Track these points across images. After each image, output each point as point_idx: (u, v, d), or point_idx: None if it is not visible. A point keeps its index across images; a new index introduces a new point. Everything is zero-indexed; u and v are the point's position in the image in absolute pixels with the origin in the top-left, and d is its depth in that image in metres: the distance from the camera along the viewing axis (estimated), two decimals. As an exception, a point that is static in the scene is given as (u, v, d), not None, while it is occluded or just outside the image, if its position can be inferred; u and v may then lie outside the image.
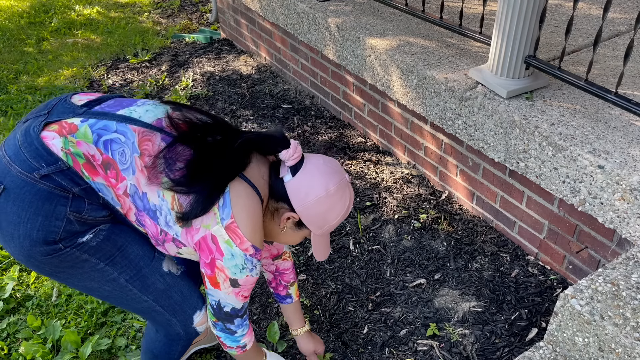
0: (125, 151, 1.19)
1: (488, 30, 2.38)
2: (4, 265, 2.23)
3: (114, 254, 1.26)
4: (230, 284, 1.25)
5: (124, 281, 1.30)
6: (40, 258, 1.19)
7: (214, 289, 1.27)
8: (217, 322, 1.35)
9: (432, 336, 1.89)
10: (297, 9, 2.86)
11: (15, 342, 1.94)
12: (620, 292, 1.41)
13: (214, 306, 1.31)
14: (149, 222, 1.24)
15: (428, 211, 2.39)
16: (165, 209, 1.21)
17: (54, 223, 1.16)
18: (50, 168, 1.15)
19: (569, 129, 1.78)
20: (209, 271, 1.24)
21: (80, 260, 1.22)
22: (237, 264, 1.23)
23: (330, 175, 1.29)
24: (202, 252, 1.23)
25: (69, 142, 1.18)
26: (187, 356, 1.83)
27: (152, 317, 1.40)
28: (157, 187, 1.20)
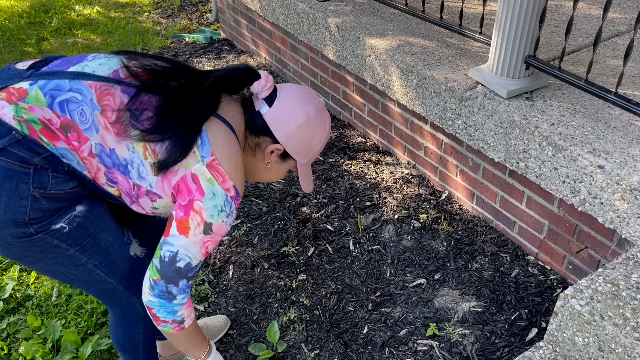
0: (84, 110, 1.12)
1: (488, 30, 2.39)
2: (4, 265, 2.23)
3: (85, 240, 1.22)
4: (202, 229, 1.18)
5: (92, 266, 1.26)
6: (10, 240, 1.13)
7: (178, 236, 1.18)
8: (158, 282, 1.20)
9: (432, 336, 1.89)
10: (297, 9, 2.86)
11: (15, 342, 1.94)
12: (620, 292, 1.42)
13: (165, 259, 1.19)
14: (120, 179, 1.18)
15: (428, 211, 2.39)
16: (137, 161, 1.16)
17: (19, 202, 1.09)
18: (4, 140, 1.07)
19: (569, 129, 1.78)
20: (181, 213, 1.17)
21: (51, 246, 1.18)
22: (217, 204, 1.17)
23: (307, 101, 1.28)
24: (180, 195, 1.17)
25: (20, 109, 1.10)
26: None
27: (113, 298, 1.36)
28: (126, 141, 1.14)
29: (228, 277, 2.16)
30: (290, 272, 2.17)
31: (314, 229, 2.34)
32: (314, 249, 2.26)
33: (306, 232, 2.33)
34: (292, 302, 2.04)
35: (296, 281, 2.12)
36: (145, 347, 1.53)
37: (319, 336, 1.92)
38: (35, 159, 1.10)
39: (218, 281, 2.15)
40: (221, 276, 2.17)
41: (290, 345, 1.90)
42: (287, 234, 2.33)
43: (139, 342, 1.50)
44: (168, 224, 1.20)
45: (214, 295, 2.09)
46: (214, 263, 2.22)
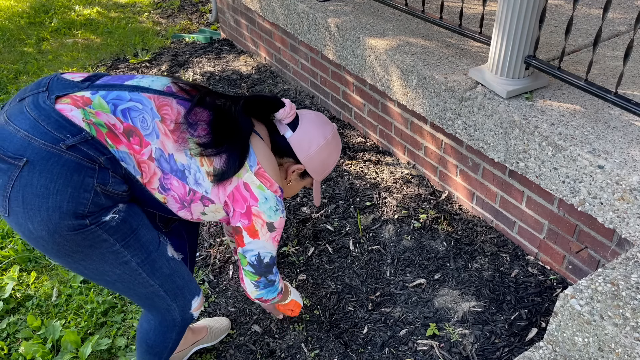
0: (145, 117, 1.23)
1: (488, 30, 2.39)
2: (4, 265, 2.23)
3: (129, 235, 1.27)
4: (267, 228, 1.36)
5: (135, 264, 1.31)
6: (65, 233, 1.18)
7: (252, 240, 1.37)
8: (260, 280, 1.45)
9: (432, 336, 1.89)
10: (297, 9, 2.86)
11: (15, 342, 1.94)
12: (620, 292, 1.42)
13: (254, 262, 1.40)
14: (176, 184, 1.27)
15: (428, 211, 2.40)
16: (195, 167, 1.27)
17: (83, 195, 1.16)
18: (75, 138, 1.15)
19: (568, 129, 1.78)
20: (245, 221, 1.34)
21: (100, 240, 1.23)
22: (271, 206, 1.34)
23: (325, 126, 1.47)
24: (236, 203, 1.32)
25: (88, 113, 1.19)
26: (187, 356, 1.83)
27: (153, 302, 1.41)
28: (184, 148, 1.25)
29: (228, 277, 2.16)
30: (290, 272, 2.17)
31: (314, 229, 2.34)
32: (314, 249, 2.26)
33: (306, 232, 2.33)
34: (292, 302, 2.04)
35: (296, 281, 2.12)
36: (171, 351, 1.59)
37: (319, 336, 1.92)
38: (100, 158, 1.18)
39: (218, 281, 2.15)
40: (221, 276, 2.17)
41: (290, 345, 1.90)
42: (287, 234, 2.33)
43: (167, 346, 1.56)
44: (239, 237, 1.37)
45: (214, 295, 2.09)
46: (214, 263, 2.22)
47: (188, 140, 1.25)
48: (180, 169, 1.26)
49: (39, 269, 2.22)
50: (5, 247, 2.32)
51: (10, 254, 2.26)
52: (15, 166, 1.14)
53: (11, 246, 2.30)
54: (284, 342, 1.91)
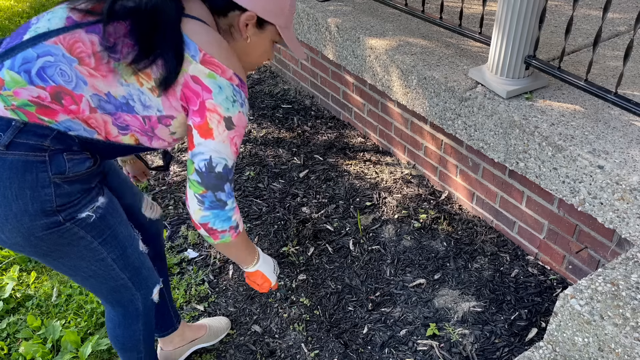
0: (62, 69, 1.09)
1: (488, 30, 2.39)
2: (4, 266, 2.23)
3: (106, 233, 1.24)
4: (225, 125, 1.16)
5: (111, 260, 1.28)
6: (40, 234, 1.14)
7: (204, 142, 1.16)
8: (205, 194, 1.19)
9: (432, 336, 1.89)
10: (297, 9, 2.86)
11: (15, 342, 1.94)
12: (620, 292, 1.42)
13: (203, 169, 1.17)
14: (128, 118, 1.15)
15: (428, 211, 2.40)
16: (136, 92, 1.13)
17: (43, 192, 1.10)
18: (8, 133, 1.06)
19: (568, 129, 1.78)
20: (198, 119, 1.15)
21: (77, 237, 1.19)
22: (227, 96, 1.15)
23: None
24: (190, 102, 1.15)
25: (6, 98, 1.07)
26: (186, 355, 1.84)
27: (120, 295, 1.38)
28: (116, 78, 1.11)
29: (228, 277, 2.16)
30: (290, 272, 2.17)
31: (314, 229, 2.34)
32: (314, 249, 2.26)
33: (306, 232, 2.33)
34: (292, 302, 2.04)
35: (296, 281, 2.12)
36: (144, 342, 1.55)
37: (319, 336, 1.92)
38: (45, 142, 1.08)
39: (218, 281, 2.15)
40: (221, 276, 2.17)
41: (290, 345, 1.90)
42: (287, 234, 2.33)
43: (139, 339, 1.52)
44: (189, 138, 1.18)
45: (214, 295, 2.09)
46: (214, 263, 2.22)
47: (115, 67, 1.10)
48: (122, 102, 1.13)
49: (39, 269, 2.22)
50: (5, 247, 2.32)
51: (10, 254, 2.26)
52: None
53: (11, 246, 2.30)
54: (284, 342, 1.91)
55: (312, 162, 2.73)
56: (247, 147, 2.86)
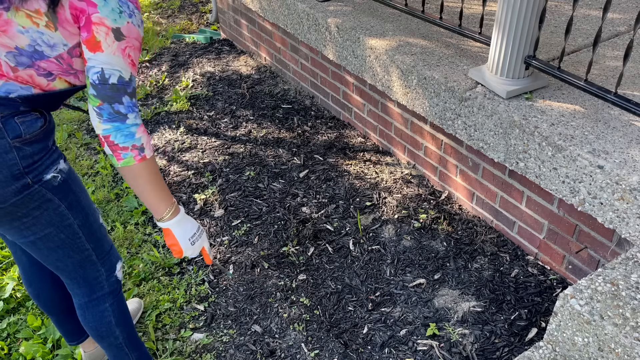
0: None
1: (488, 30, 2.39)
2: (4, 266, 2.23)
3: (71, 197, 1.30)
4: (113, 36, 1.15)
5: (77, 227, 1.33)
6: (13, 200, 1.18)
7: (94, 55, 1.15)
8: (102, 106, 1.18)
9: (431, 336, 1.89)
10: (297, 9, 2.87)
11: (16, 342, 1.94)
12: (619, 292, 1.42)
13: (96, 82, 1.16)
14: (45, 64, 1.17)
15: (428, 211, 2.40)
16: (35, 34, 1.13)
17: (7, 157, 1.15)
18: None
19: (568, 129, 1.78)
20: (85, 34, 1.14)
21: (46, 200, 1.25)
22: (113, 8, 1.14)
23: None
24: (79, 22, 1.14)
25: None
26: None
27: (85, 271, 1.42)
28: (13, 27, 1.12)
29: (228, 277, 2.16)
30: (290, 272, 2.17)
31: (314, 229, 2.34)
32: (314, 249, 2.26)
33: (306, 232, 2.33)
34: (292, 302, 2.04)
35: (296, 281, 2.13)
36: (118, 326, 1.54)
37: (319, 336, 1.92)
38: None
39: (218, 281, 2.15)
40: (221, 276, 2.17)
41: (290, 345, 1.90)
42: (287, 234, 2.33)
43: (110, 322, 1.52)
44: (82, 56, 1.19)
45: (214, 295, 2.09)
46: (214, 263, 2.22)
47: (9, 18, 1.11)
48: (30, 50, 1.14)
49: (39, 269, 2.23)
50: (5, 247, 2.32)
51: (10, 253, 2.26)
52: None
53: (11, 246, 2.30)
54: (284, 342, 1.91)
55: (312, 162, 2.74)
56: (247, 147, 2.87)
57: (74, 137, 3.08)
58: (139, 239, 2.34)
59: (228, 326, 1.98)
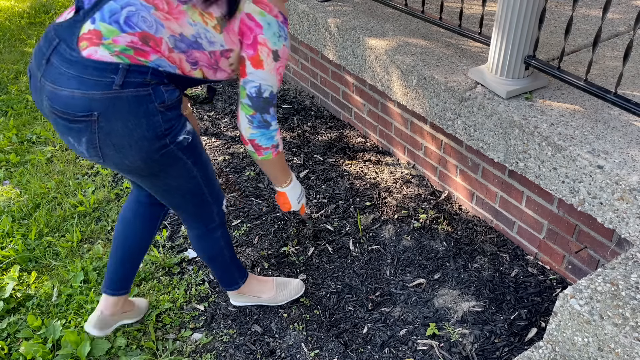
0: (143, 16, 1.29)
1: (487, 30, 2.39)
2: (4, 265, 2.23)
3: (196, 155, 1.48)
4: (272, 57, 1.42)
5: (199, 178, 1.54)
6: (154, 157, 1.38)
7: (255, 72, 1.42)
8: (254, 115, 1.47)
9: (431, 336, 1.89)
10: (297, 9, 2.87)
11: (16, 342, 1.94)
12: (619, 292, 1.42)
13: (253, 94, 1.44)
14: (199, 55, 1.37)
15: (428, 211, 2.40)
16: (202, 30, 1.34)
17: (154, 119, 1.32)
18: (119, 75, 1.26)
19: (568, 129, 1.78)
20: (251, 51, 1.41)
21: (177, 158, 1.44)
22: (275, 32, 1.40)
23: None
24: (244, 37, 1.40)
25: (109, 46, 1.27)
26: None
27: (203, 209, 1.66)
28: (185, 19, 1.32)
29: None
30: (290, 272, 2.17)
31: (314, 229, 2.34)
32: (314, 249, 2.26)
33: (306, 232, 2.33)
34: (292, 302, 2.04)
35: (296, 281, 2.13)
36: (226, 248, 1.82)
37: (319, 336, 1.92)
38: (146, 78, 1.30)
39: (218, 281, 2.15)
40: (221, 276, 2.17)
41: (290, 345, 1.90)
42: (287, 234, 2.33)
43: (221, 246, 1.79)
44: (242, 68, 1.44)
45: (214, 295, 2.09)
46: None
47: (185, 10, 1.32)
48: (192, 40, 1.34)
49: (39, 269, 2.23)
50: (6, 247, 2.32)
51: (10, 254, 2.26)
52: (91, 122, 1.29)
53: (11, 246, 2.30)
54: (284, 342, 1.91)
55: (312, 162, 2.74)
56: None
57: (74, 137, 3.08)
58: (139, 239, 2.34)
59: (228, 326, 1.98)
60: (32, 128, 3.18)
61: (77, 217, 2.48)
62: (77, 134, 1.32)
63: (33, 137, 3.06)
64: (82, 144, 1.33)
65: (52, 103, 1.30)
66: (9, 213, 2.50)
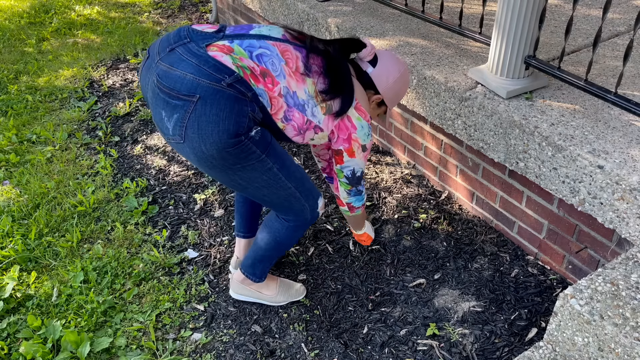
0: (274, 61, 1.52)
1: (488, 30, 2.39)
2: (4, 265, 2.23)
3: (268, 147, 1.57)
4: (361, 150, 1.75)
5: (277, 170, 1.61)
6: (229, 149, 1.49)
7: (350, 159, 1.75)
8: (351, 189, 1.85)
9: (431, 336, 1.89)
10: (297, 9, 2.86)
11: (16, 342, 1.94)
12: (619, 292, 1.42)
13: (349, 175, 1.80)
14: (297, 115, 1.58)
15: (428, 211, 2.40)
16: (312, 103, 1.59)
17: (242, 119, 1.47)
18: (231, 78, 1.45)
19: (568, 129, 1.78)
20: (347, 145, 1.72)
21: (251, 152, 1.53)
22: (365, 132, 1.72)
23: (399, 62, 1.77)
24: (340, 132, 1.70)
25: (234, 58, 1.48)
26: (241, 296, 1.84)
27: (291, 204, 1.72)
28: (304, 86, 1.56)
29: (228, 277, 2.16)
30: (290, 272, 2.17)
31: (314, 229, 2.34)
32: (314, 249, 2.26)
33: (306, 232, 2.33)
34: (292, 302, 2.04)
35: (296, 281, 2.12)
36: (288, 245, 1.88)
37: (319, 336, 1.92)
38: (248, 93, 1.48)
39: (218, 281, 2.15)
40: (221, 276, 2.17)
41: (290, 345, 1.90)
42: (287, 234, 2.33)
43: (292, 242, 1.88)
44: (337, 157, 1.76)
45: (214, 295, 2.09)
46: (214, 263, 2.22)
47: (306, 80, 1.56)
48: (301, 103, 1.57)
49: (39, 269, 2.23)
50: (6, 247, 2.32)
51: (10, 254, 2.26)
52: (190, 102, 1.44)
53: (11, 246, 2.30)
54: (284, 342, 1.91)
55: (312, 162, 2.74)
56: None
57: (74, 137, 3.09)
58: (139, 239, 2.34)
59: (228, 326, 1.98)
60: (32, 128, 3.17)
61: (77, 217, 2.48)
62: (172, 110, 1.46)
63: (33, 137, 3.06)
64: (172, 120, 1.47)
65: (161, 79, 1.46)
66: (9, 213, 2.50)
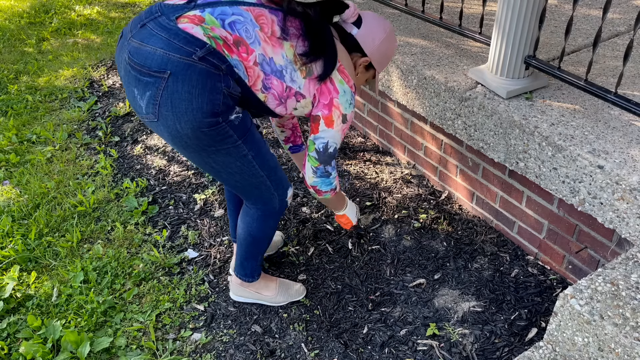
0: (247, 28, 1.44)
1: (488, 30, 2.39)
2: (4, 265, 2.23)
3: (246, 133, 1.53)
4: (341, 119, 1.60)
5: (251, 157, 1.57)
6: (204, 130, 1.43)
7: (326, 129, 1.60)
8: (319, 167, 1.67)
9: (431, 336, 1.89)
10: (297, 9, 2.86)
11: (16, 342, 1.94)
12: (619, 292, 1.42)
13: (320, 149, 1.63)
14: (275, 83, 1.50)
15: (428, 211, 2.40)
16: (290, 67, 1.49)
17: (217, 97, 1.40)
18: (202, 51, 1.37)
19: (568, 129, 1.78)
20: (326, 111, 1.58)
21: (227, 135, 1.48)
22: (347, 99, 1.59)
23: (383, 22, 1.67)
24: (322, 96, 1.57)
25: (206, 29, 1.40)
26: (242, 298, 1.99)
27: (260, 192, 1.68)
28: (281, 51, 1.47)
29: (228, 278, 2.16)
30: (290, 272, 2.17)
31: (314, 229, 2.34)
32: (314, 249, 2.26)
33: (306, 232, 2.33)
34: (292, 302, 2.04)
35: (296, 281, 2.12)
36: (269, 238, 1.86)
37: (319, 336, 1.92)
38: (222, 65, 1.40)
39: (218, 281, 2.15)
40: (221, 276, 2.17)
41: (290, 345, 1.90)
42: (287, 234, 2.33)
43: (267, 234, 1.83)
44: (315, 125, 1.61)
45: (214, 295, 2.09)
46: (214, 263, 2.22)
47: (283, 44, 1.47)
48: (278, 69, 1.48)
49: (39, 269, 2.23)
50: (6, 247, 2.32)
51: (10, 254, 2.26)
52: (161, 78, 1.38)
53: (11, 246, 2.30)
54: (284, 342, 1.91)
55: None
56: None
57: (74, 137, 3.09)
58: (139, 239, 2.34)
59: (228, 326, 1.98)
60: (32, 128, 3.17)
61: (77, 217, 2.48)
62: (144, 87, 1.40)
63: (33, 137, 3.06)
64: (145, 98, 1.42)
65: (132, 56, 1.40)
66: (9, 213, 2.50)
